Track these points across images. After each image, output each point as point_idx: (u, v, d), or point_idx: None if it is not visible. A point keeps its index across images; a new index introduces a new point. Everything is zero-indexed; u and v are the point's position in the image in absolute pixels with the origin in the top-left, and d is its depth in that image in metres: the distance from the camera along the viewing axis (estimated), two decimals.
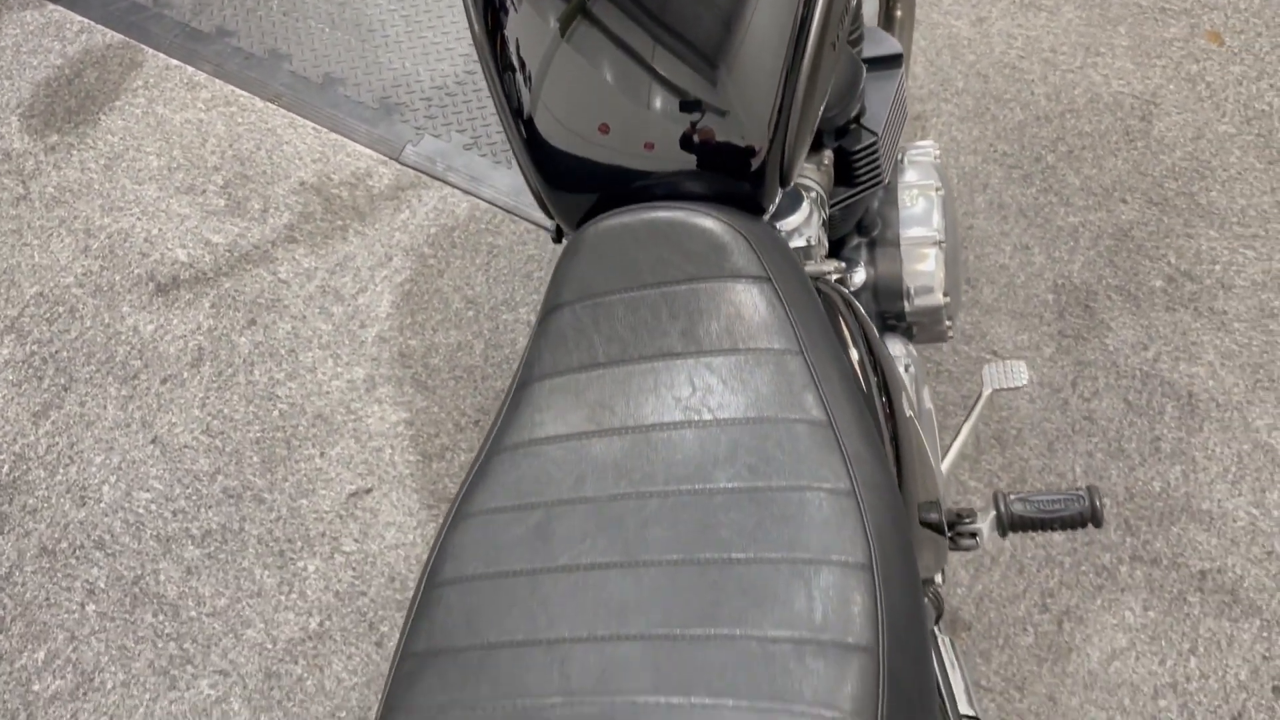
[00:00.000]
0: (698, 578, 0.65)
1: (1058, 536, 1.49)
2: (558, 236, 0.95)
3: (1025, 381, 1.20)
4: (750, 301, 0.75)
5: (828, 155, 1.02)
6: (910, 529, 0.74)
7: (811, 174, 1.00)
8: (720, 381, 0.73)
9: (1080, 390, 1.60)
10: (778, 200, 0.83)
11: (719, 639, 0.61)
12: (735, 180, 0.81)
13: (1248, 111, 1.86)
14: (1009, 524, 1.10)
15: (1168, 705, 1.37)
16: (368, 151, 1.90)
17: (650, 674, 0.61)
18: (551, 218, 0.88)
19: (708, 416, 0.72)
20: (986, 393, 1.21)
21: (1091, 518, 1.09)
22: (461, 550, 0.72)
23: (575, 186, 0.84)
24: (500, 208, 1.82)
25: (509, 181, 1.85)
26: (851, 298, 0.92)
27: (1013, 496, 1.10)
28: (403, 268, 1.76)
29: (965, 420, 1.22)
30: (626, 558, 0.67)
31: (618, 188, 0.83)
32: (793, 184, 0.92)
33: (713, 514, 0.67)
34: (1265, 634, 1.40)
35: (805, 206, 0.92)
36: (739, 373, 0.73)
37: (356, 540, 1.53)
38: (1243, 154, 1.81)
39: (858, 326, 0.87)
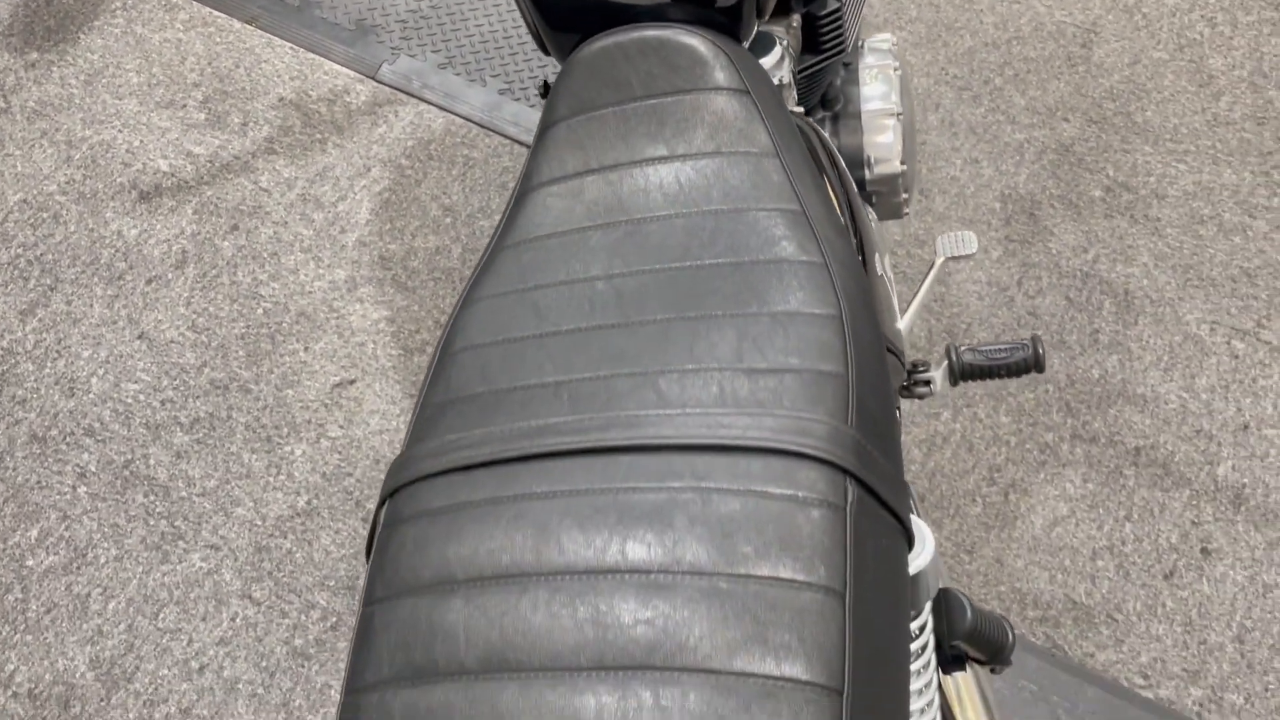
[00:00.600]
0: (687, 330, 0.73)
1: (1004, 418, 1.60)
2: (544, 92, 1.02)
3: (975, 249, 1.30)
4: (731, 111, 0.83)
5: (796, 19, 1.11)
6: (873, 296, 0.83)
7: (781, 34, 1.09)
8: (704, 179, 0.81)
9: (1025, 289, 1.71)
10: (754, 33, 0.92)
11: (706, 371, 0.69)
12: (716, 10, 0.89)
13: (1180, 40, 1.98)
14: (960, 373, 1.20)
15: (1105, 565, 1.48)
16: (345, 70, 1.96)
17: (650, 393, 0.69)
18: (548, 53, 0.96)
19: (693, 209, 0.80)
20: (940, 259, 1.30)
21: (1035, 364, 1.19)
22: (471, 326, 0.79)
23: (570, 23, 0.92)
24: (475, 123, 1.89)
25: (484, 99, 1.92)
26: (821, 130, 1.01)
27: (963, 348, 1.20)
28: (381, 178, 1.83)
29: (921, 283, 1.31)
30: (623, 319, 0.75)
31: (609, 20, 0.90)
32: (768, 18, 1.00)
33: (700, 283, 0.75)
34: (1194, 503, 1.51)
35: (777, 49, 1.00)
36: (721, 172, 0.81)
37: (342, 427, 1.59)
38: (1175, 78, 1.93)
39: (827, 155, 0.96)
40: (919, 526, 0.74)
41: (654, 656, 0.57)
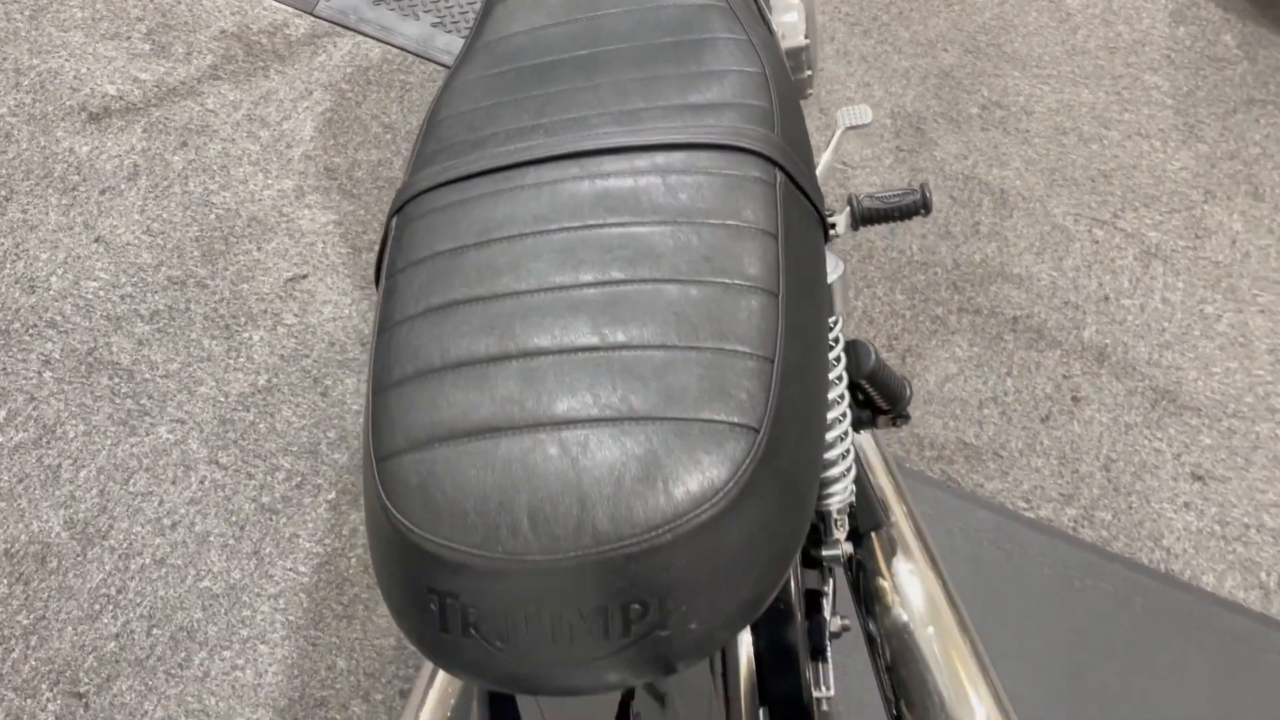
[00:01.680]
0: (640, 83, 0.88)
1: (900, 296, 1.79)
2: None
3: (870, 119, 1.48)
4: None
5: None
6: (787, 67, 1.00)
7: None
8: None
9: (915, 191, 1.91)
10: None
11: (659, 107, 0.85)
12: None
13: None
14: (860, 217, 1.38)
15: (990, 413, 1.67)
16: (283, 6, 2.08)
17: (615, 122, 0.84)
18: None
19: (647, 3, 0.96)
20: (840, 129, 1.49)
21: (924, 205, 1.38)
22: (455, 98, 0.92)
23: None
24: (411, 53, 2.03)
25: (418, 31, 2.06)
26: None
27: (862, 196, 1.38)
28: (323, 100, 1.95)
29: (823, 153, 1.50)
30: (588, 83, 0.90)
31: None
32: None
33: (649, 54, 0.91)
34: (1065, 361, 1.73)
35: None
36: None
37: (297, 315, 1.70)
38: (1038, 15, 2.17)
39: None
40: (829, 252, 0.91)
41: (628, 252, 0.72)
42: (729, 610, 0.64)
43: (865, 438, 1.21)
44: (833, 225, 1.39)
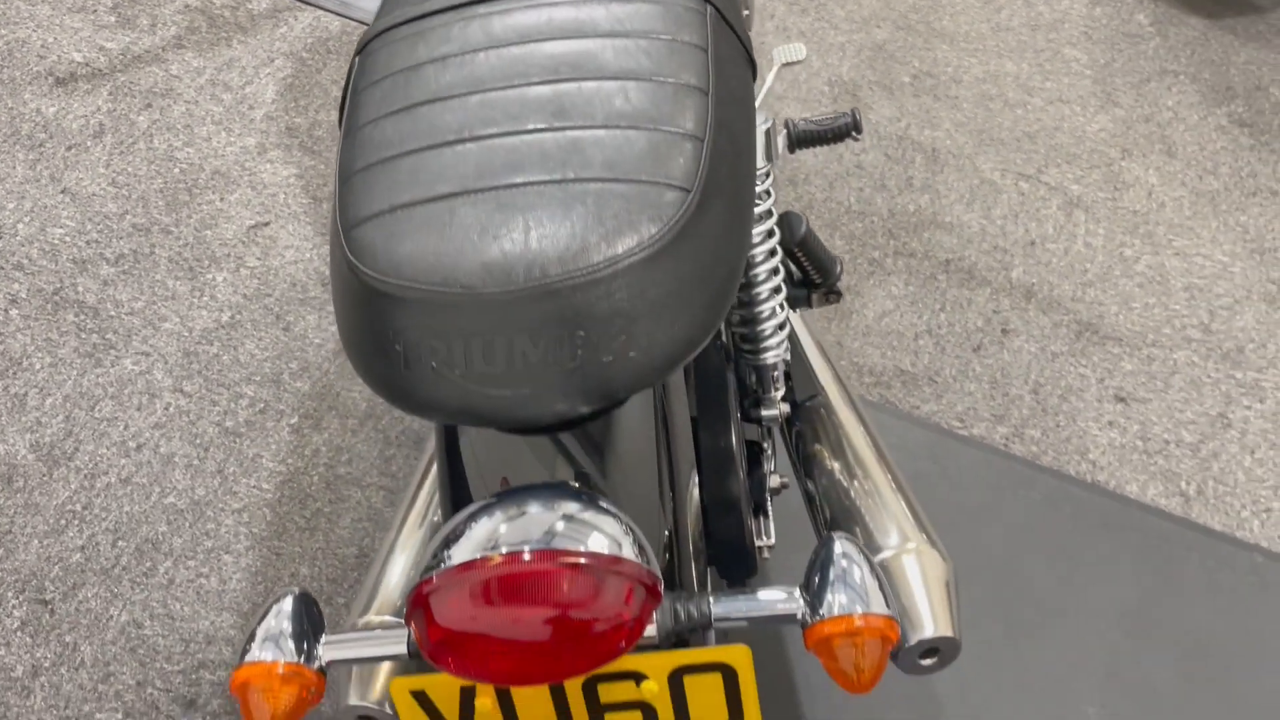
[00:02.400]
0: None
1: (839, 241, 1.89)
2: None
3: (804, 56, 1.59)
4: None
5: None
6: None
7: None
8: None
9: (851, 149, 2.02)
10: None
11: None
12: None
13: None
14: (796, 139, 1.48)
15: (925, 344, 1.76)
16: None
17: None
18: None
19: None
20: (776, 65, 1.59)
21: (855, 126, 1.48)
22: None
23: None
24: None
25: (375, 4, 2.14)
26: None
27: (798, 119, 1.48)
28: (284, 67, 2.03)
29: (760, 88, 1.59)
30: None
31: None
32: None
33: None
34: (994, 298, 1.83)
35: None
36: None
37: (259, 259, 1.76)
38: None
39: None
40: (760, 111, 0.99)
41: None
42: (664, 343, 0.71)
43: (799, 323, 1.29)
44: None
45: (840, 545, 0.73)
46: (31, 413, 1.57)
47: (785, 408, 1.16)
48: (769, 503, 1.18)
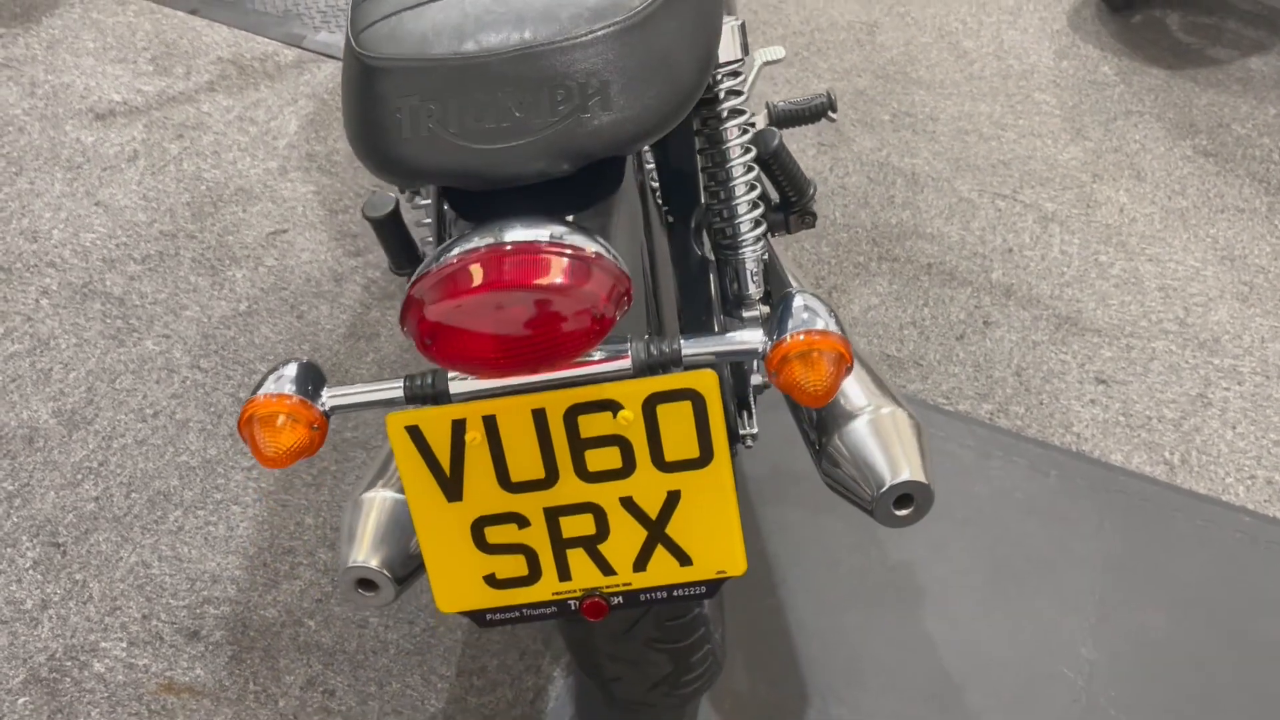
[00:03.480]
0: None
1: (825, 248, 1.99)
2: None
3: (783, 55, 1.72)
4: None
5: None
6: None
7: None
8: None
9: (836, 172, 2.15)
10: None
11: None
12: None
13: (940, 30, 2.55)
14: (776, 119, 1.60)
15: (910, 333, 1.84)
16: (274, 42, 2.35)
17: None
18: None
19: None
20: (758, 64, 1.72)
21: (831, 105, 1.60)
22: None
23: None
24: None
25: None
26: None
27: (778, 100, 1.60)
28: (306, 105, 2.18)
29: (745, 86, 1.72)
30: None
31: None
32: None
33: None
34: (976, 295, 1.91)
35: None
36: None
37: (277, 259, 1.87)
38: (939, 53, 2.48)
39: None
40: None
41: None
42: (636, 110, 0.80)
43: (775, 246, 1.37)
44: (753, 125, 1.60)
45: (801, 298, 0.80)
46: (55, 384, 1.64)
47: (764, 309, 1.23)
48: (752, 401, 1.24)
